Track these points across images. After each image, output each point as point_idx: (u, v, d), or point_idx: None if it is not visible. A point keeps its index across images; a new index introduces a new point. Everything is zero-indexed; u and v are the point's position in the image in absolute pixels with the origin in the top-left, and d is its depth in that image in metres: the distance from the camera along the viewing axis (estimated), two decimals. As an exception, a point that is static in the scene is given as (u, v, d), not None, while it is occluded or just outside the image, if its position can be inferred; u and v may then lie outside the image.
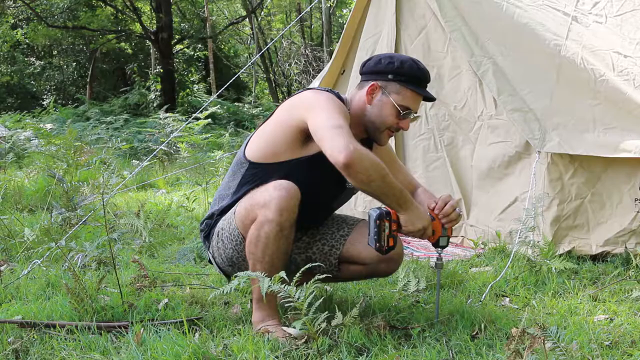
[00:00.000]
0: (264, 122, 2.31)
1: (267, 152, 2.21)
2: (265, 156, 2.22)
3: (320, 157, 2.08)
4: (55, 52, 22.87)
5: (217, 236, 2.29)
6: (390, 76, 2.22)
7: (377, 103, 2.23)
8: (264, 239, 2.06)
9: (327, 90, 2.24)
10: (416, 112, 2.27)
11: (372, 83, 2.23)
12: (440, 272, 2.33)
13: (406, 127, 2.26)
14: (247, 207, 2.14)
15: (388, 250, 2.16)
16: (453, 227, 2.24)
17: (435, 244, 2.22)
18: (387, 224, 2.12)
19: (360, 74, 2.33)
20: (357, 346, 2.04)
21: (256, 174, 2.22)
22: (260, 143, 2.25)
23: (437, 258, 2.29)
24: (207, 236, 2.35)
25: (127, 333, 2.16)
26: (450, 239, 2.28)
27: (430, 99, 2.30)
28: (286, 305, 1.88)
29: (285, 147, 2.18)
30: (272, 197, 2.05)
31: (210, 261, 2.42)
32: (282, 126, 2.19)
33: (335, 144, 1.98)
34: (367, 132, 2.28)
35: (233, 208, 2.24)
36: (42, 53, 23.24)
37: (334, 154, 1.97)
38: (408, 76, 2.22)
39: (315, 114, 2.09)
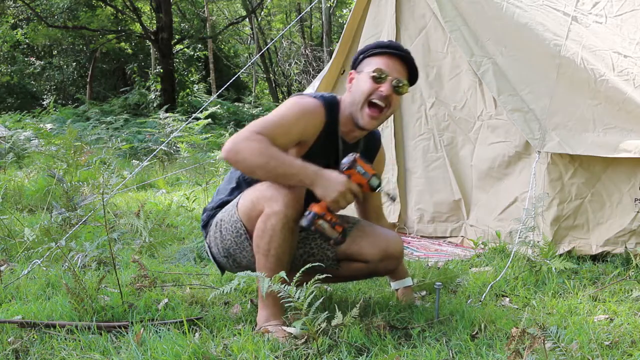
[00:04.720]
0: None
1: None
2: None
3: (309, 155, 2.20)
4: (55, 52, 22.87)
5: (215, 227, 2.32)
6: (360, 57, 2.32)
7: (355, 83, 2.30)
8: (269, 231, 2.08)
9: (318, 97, 2.27)
10: (396, 78, 2.22)
11: (350, 72, 2.34)
12: (438, 291, 2.35)
13: (386, 90, 2.21)
14: (253, 200, 2.16)
15: (344, 237, 2.16)
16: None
17: (372, 190, 2.17)
18: (321, 222, 2.11)
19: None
20: (357, 346, 2.03)
21: None
22: None
23: (391, 197, 2.25)
24: (204, 226, 2.40)
25: (127, 333, 2.16)
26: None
27: (401, 56, 2.26)
28: (286, 305, 1.88)
29: None
30: (279, 191, 2.08)
31: (207, 253, 2.46)
32: None
33: (227, 142, 2.08)
34: (356, 125, 2.27)
35: (235, 200, 2.27)
36: (42, 53, 23.24)
37: (221, 152, 2.10)
38: (373, 47, 2.31)
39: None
